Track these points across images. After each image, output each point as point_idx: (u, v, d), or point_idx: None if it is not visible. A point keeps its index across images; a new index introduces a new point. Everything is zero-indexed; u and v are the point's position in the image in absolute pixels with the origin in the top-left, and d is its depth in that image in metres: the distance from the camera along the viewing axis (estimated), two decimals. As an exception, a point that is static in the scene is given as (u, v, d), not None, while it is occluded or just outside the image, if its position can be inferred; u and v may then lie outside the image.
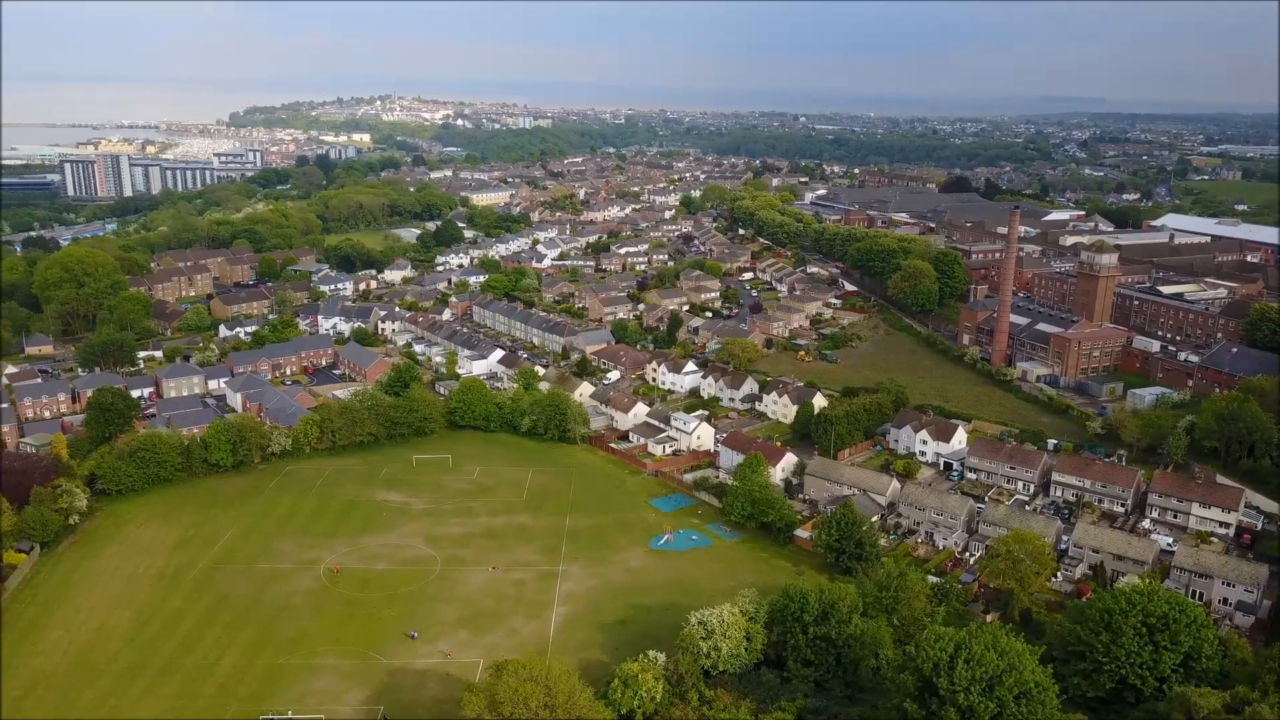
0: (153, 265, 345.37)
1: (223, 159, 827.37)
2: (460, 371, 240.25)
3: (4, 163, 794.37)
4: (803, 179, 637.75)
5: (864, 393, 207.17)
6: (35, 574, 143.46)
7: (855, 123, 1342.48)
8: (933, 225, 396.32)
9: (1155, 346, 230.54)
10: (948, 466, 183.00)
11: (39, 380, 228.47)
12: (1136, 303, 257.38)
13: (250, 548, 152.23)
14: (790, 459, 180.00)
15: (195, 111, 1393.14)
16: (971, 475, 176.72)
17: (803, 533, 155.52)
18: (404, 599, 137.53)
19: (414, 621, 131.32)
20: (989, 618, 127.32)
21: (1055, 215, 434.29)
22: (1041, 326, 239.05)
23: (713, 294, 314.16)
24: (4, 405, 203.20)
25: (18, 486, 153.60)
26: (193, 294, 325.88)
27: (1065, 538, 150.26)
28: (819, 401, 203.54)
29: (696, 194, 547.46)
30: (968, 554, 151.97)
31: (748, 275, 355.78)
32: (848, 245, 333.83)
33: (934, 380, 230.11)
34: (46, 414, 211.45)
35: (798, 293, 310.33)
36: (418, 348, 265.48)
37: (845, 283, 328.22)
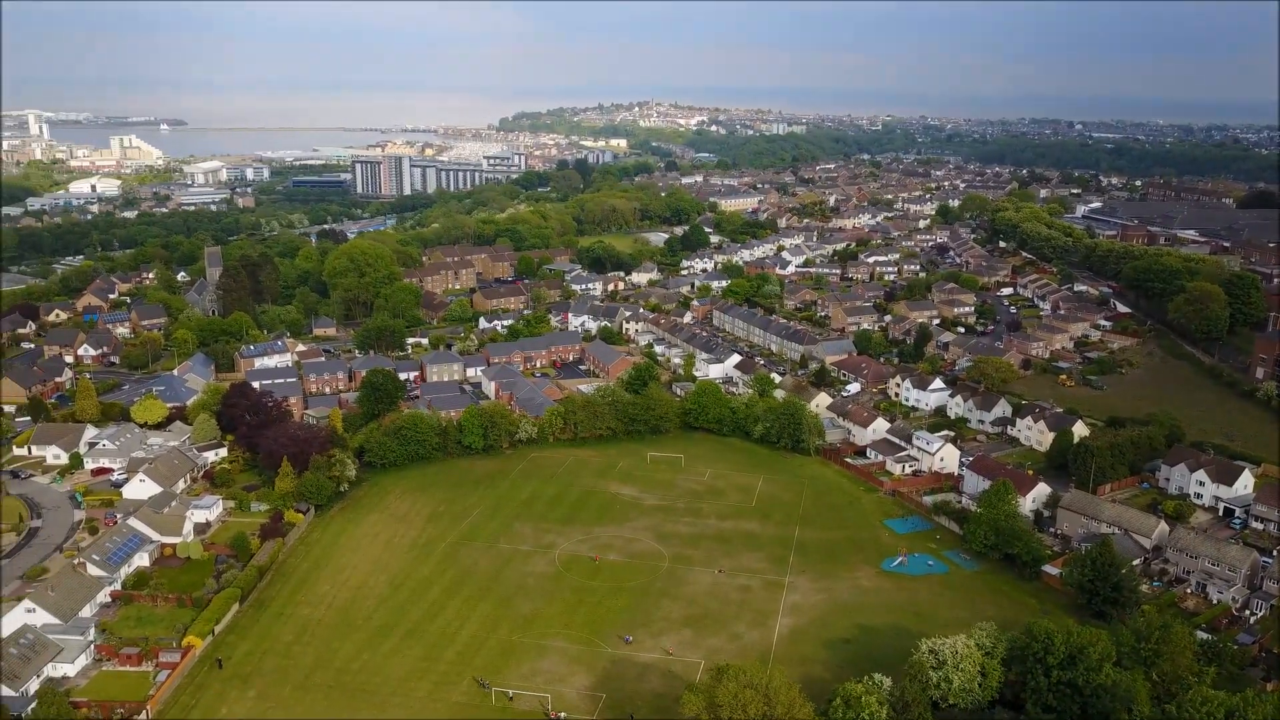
0: (424, 259, 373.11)
1: (491, 162, 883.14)
2: (697, 374, 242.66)
3: (306, 162, 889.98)
4: (1074, 190, 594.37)
5: (1132, 424, 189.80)
6: (309, 533, 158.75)
7: (1140, 130, 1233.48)
8: (1227, 244, 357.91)
9: None
10: (1228, 512, 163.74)
11: (322, 359, 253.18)
12: None
13: (493, 527, 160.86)
14: (1043, 489, 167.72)
15: (470, 116, 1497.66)
16: (1257, 524, 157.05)
17: (1051, 569, 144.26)
18: (631, 591, 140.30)
19: (639, 615, 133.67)
20: (1269, 686, 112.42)
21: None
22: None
23: (967, 308, 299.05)
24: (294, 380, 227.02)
25: (300, 454, 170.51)
26: (458, 287, 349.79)
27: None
28: (1080, 430, 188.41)
29: (955, 203, 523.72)
30: (1248, 612, 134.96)
31: (1007, 290, 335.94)
32: (1123, 263, 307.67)
33: (1217, 416, 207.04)
34: (327, 390, 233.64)
35: (1062, 312, 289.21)
36: (658, 348, 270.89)
37: (1117, 304, 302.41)
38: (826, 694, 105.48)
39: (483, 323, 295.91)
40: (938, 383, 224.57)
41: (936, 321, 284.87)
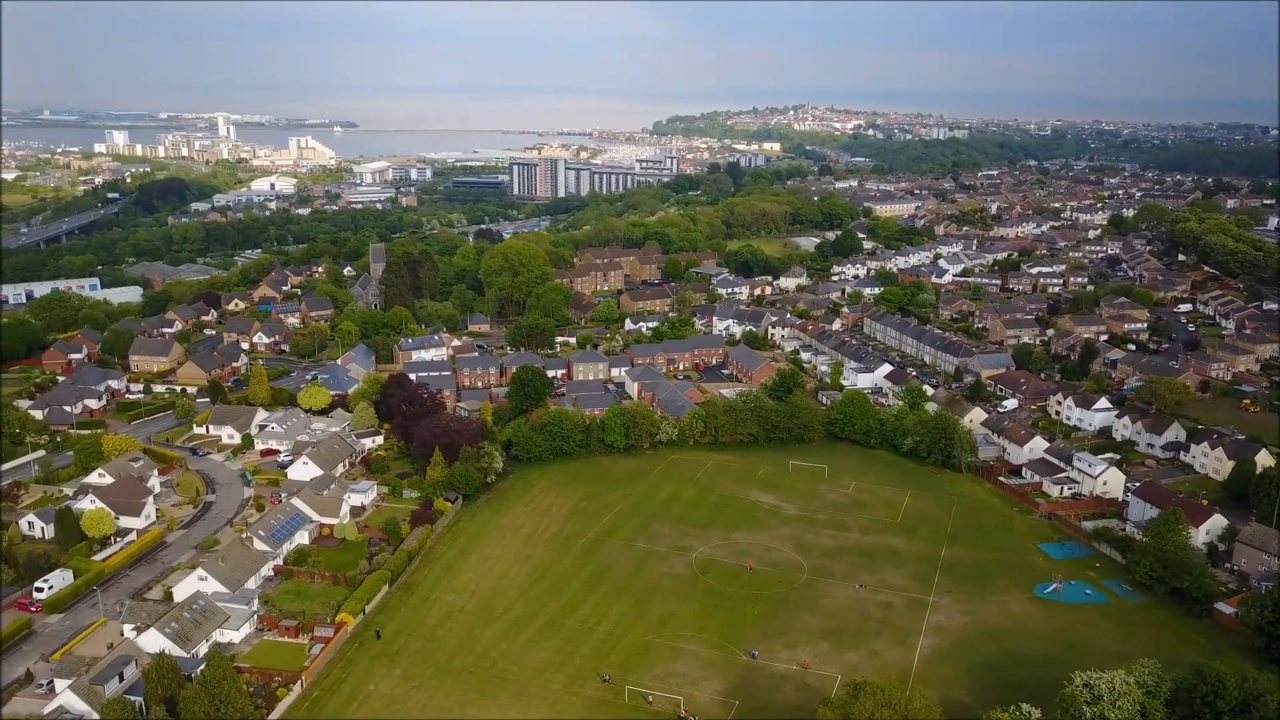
0: (575, 260, 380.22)
1: (643, 165, 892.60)
2: (845, 383, 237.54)
3: (466, 163, 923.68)
4: (1267, 201, 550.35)
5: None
6: (457, 521, 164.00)
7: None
8: None
9: None
10: None
11: (475, 354, 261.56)
12: None
13: (632, 526, 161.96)
14: (1218, 521, 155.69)
15: (624, 120, 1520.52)
16: None
17: (1225, 607, 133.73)
18: (768, 600, 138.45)
19: (775, 624, 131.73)
20: None
21: None
22: None
23: (1138, 324, 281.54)
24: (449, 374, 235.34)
25: (451, 445, 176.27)
26: (605, 288, 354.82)
27: None
28: (1264, 459, 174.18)
29: (1129, 213, 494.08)
30: None
31: (1185, 307, 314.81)
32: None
33: None
34: (479, 384, 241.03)
35: (1248, 331, 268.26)
36: (804, 355, 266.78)
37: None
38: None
39: (628, 324, 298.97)
40: (1103, 402, 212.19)
41: (1104, 337, 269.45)
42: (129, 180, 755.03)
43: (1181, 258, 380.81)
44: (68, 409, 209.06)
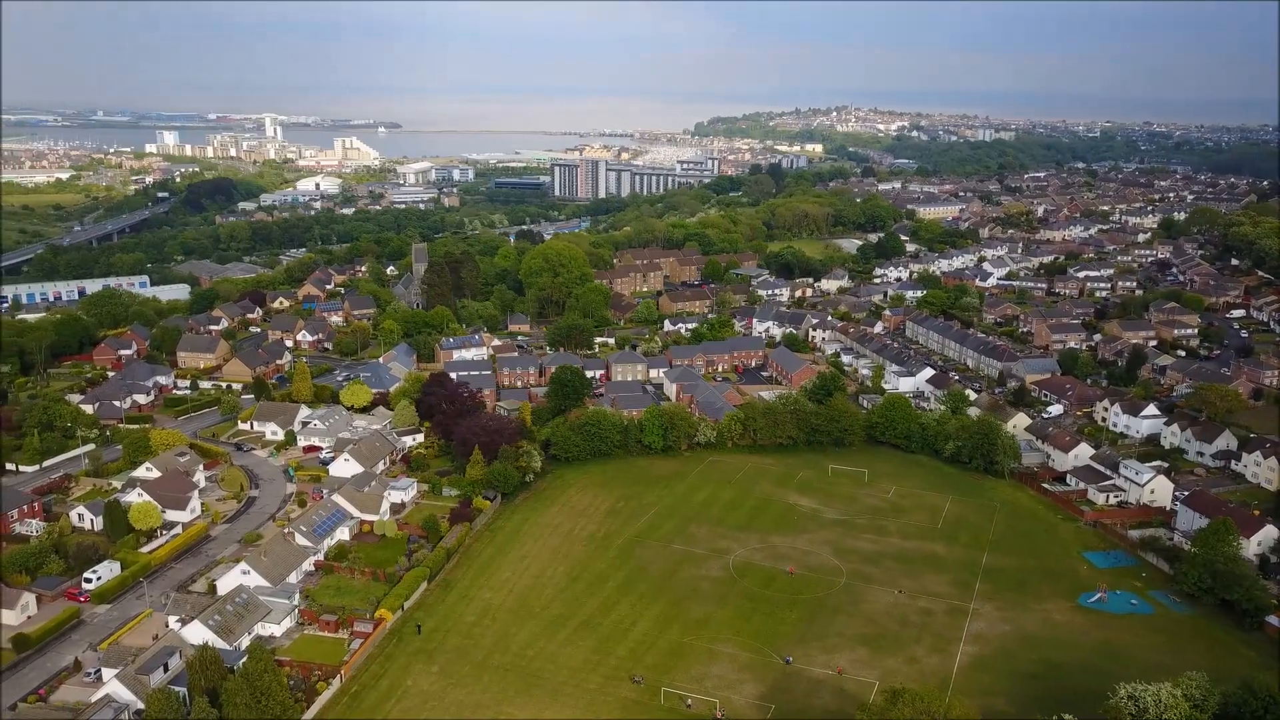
0: (615, 261, 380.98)
1: (684, 166, 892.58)
2: (886, 386, 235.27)
3: (508, 164, 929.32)
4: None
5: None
6: (495, 519, 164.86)
7: None
8: None
9: None
10: None
11: (515, 354, 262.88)
12: None
13: (669, 527, 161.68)
14: (1271, 532, 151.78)
15: (665, 121, 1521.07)
16: None
17: (1276, 620, 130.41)
18: (806, 604, 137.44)
19: (813, 628, 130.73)
20: None
21: None
22: None
23: (1189, 330, 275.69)
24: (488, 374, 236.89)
25: (491, 444, 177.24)
26: (645, 289, 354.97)
27: None
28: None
29: (1180, 216, 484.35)
30: None
31: (1238, 312, 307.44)
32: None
33: None
34: (518, 384, 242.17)
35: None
36: (845, 358, 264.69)
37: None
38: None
39: (667, 325, 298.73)
40: (1151, 409, 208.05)
41: (1153, 343, 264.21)
42: (179, 180, 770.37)
43: (1234, 262, 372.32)
44: (117, 404, 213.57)
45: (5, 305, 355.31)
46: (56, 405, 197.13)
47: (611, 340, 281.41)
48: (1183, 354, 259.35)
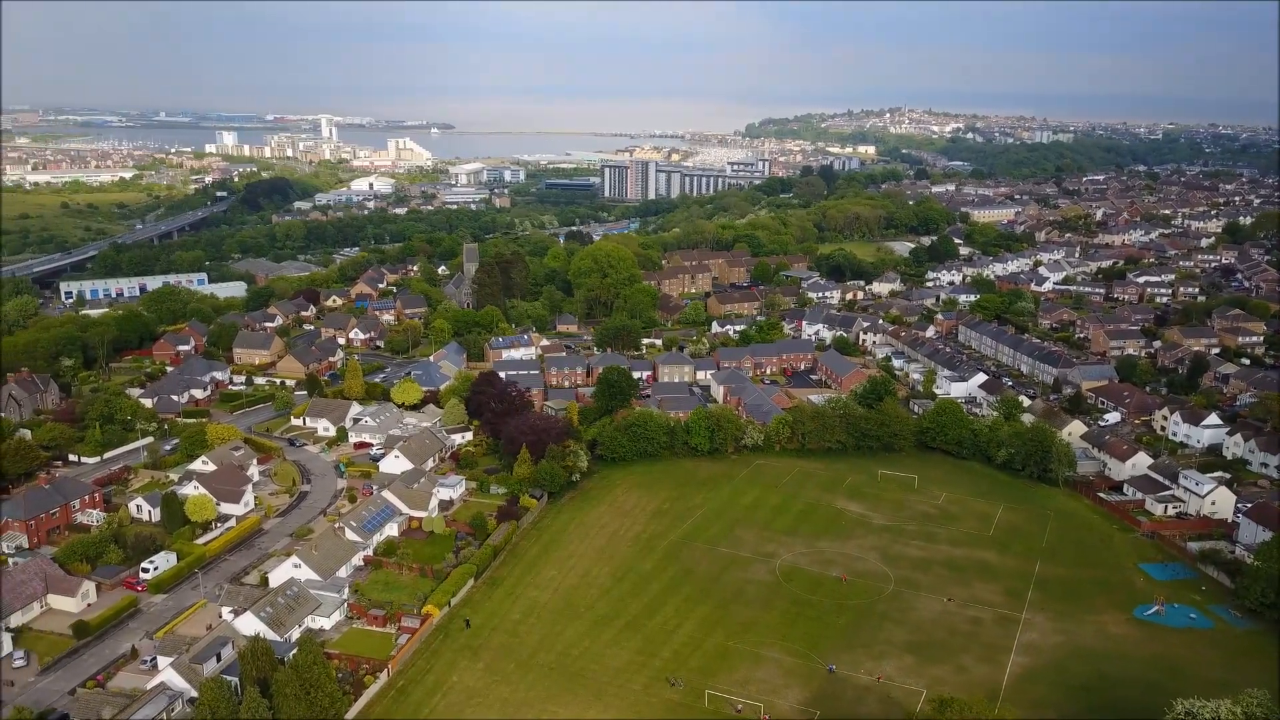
0: (663, 262, 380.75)
1: (735, 167, 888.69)
2: (937, 391, 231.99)
3: (558, 165, 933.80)
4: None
5: None
6: (541, 518, 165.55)
7: None
8: None
9: None
10: None
11: (563, 354, 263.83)
12: None
13: (715, 530, 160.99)
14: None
15: (717, 122, 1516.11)
16: None
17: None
18: (853, 610, 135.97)
19: (860, 635, 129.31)
20: None
21: None
22: None
23: (1254, 338, 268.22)
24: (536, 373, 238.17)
25: (538, 443, 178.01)
26: (693, 291, 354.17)
27: None
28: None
29: (1246, 221, 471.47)
30: None
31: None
32: None
33: None
34: (566, 383, 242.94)
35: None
36: (896, 362, 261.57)
37: None
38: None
39: (715, 326, 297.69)
40: (1213, 418, 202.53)
41: (1216, 351, 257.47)
42: (237, 179, 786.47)
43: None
44: (175, 398, 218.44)
45: (70, 301, 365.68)
46: (117, 399, 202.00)
47: (659, 341, 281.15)
48: (1247, 362, 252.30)
